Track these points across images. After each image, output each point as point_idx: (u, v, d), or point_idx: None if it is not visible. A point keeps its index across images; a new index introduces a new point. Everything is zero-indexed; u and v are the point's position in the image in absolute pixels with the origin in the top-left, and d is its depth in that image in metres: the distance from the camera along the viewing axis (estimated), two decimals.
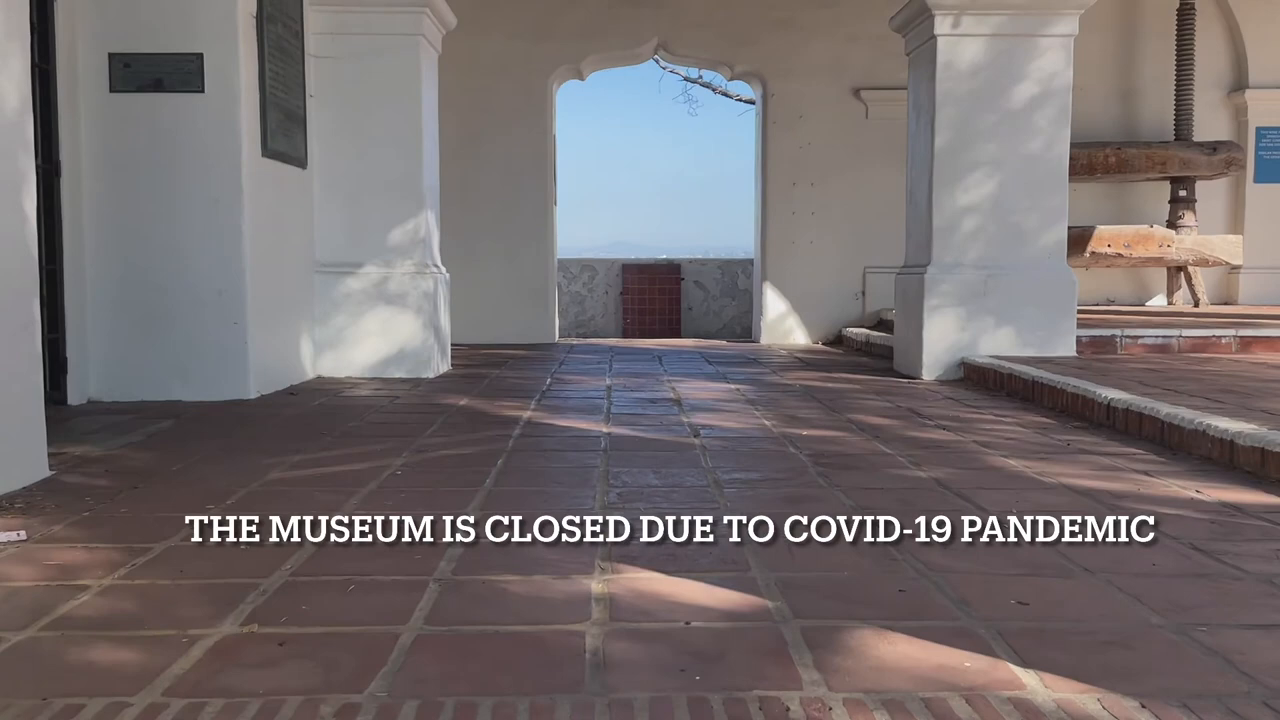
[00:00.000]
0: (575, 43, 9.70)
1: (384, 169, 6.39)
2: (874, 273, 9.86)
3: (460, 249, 9.54)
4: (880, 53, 9.59)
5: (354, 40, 6.30)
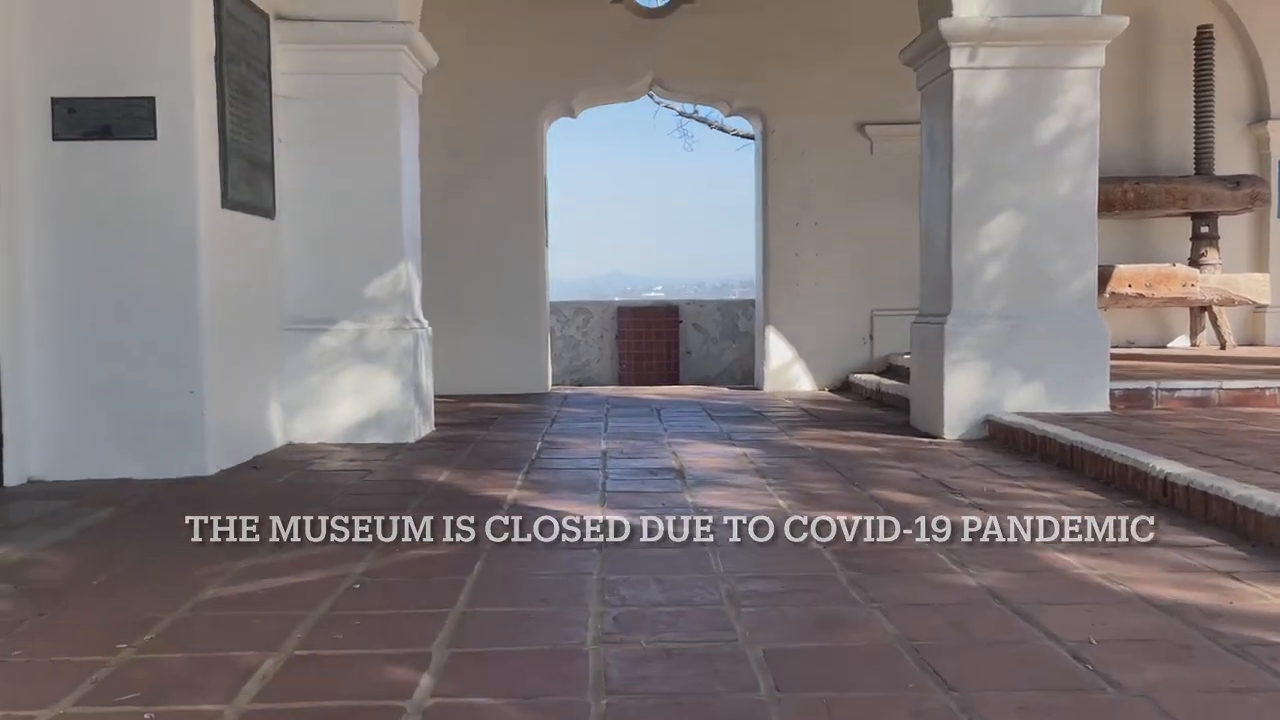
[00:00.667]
0: (566, 79, 9.28)
1: (360, 217, 5.92)
2: (882, 315, 9.40)
3: (447, 294, 9.06)
4: (886, 86, 9.16)
5: (326, 80, 5.84)
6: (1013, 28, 5.83)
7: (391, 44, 5.84)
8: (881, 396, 8.09)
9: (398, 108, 5.91)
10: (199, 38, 4.79)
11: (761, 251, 9.61)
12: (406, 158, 6.04)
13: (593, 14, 9.19)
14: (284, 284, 5.87)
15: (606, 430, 6.46)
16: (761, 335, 9.63)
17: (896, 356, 9.07)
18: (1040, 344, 5.93)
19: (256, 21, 5.41)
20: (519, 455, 5.44)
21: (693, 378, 11.19)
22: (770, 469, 4.95)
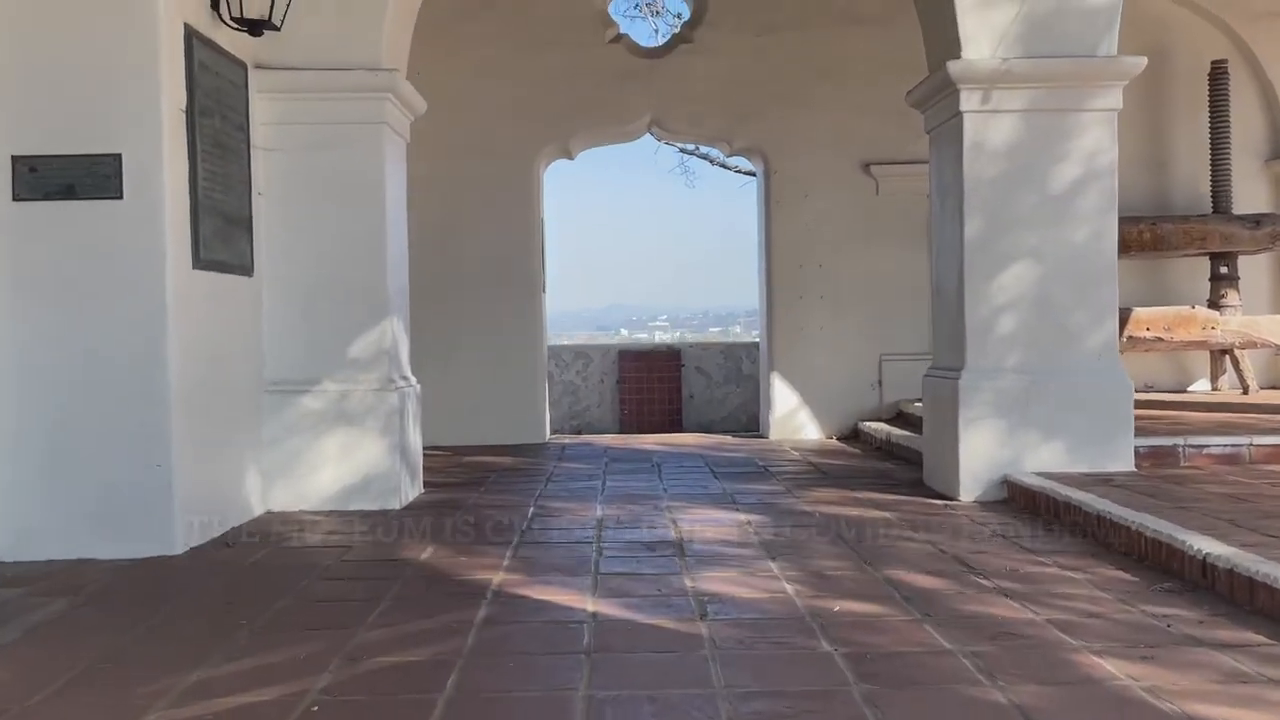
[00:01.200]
0: (563, 121, 9.05)
1: (343, 273, 5.64)
2: (891, 361, 9.10)
3: (441, 341, 8.83)
4: (890, 124, 8.92)
5: (308, 131, 5.59)
6: (1025, 69, 5.57)
7: (376, 93, 5.59)
8: (892, 448, 7.78)
9: (383, 159, 5.66)
10: (168, 91, 4.54)
11: (765, 294, 9.33)
12: (392, 210, 5.77)
13: (589, 54, 8.97)
14: (263, 344, 5.60)
15: (603, 492, 6.14)
16: (766, 381, 9.33)
17: (907, 404, 8.76)
18: (1060, 400, 5.62)
19: (233, 71, 5.17)
20: (509, 524, 5.13)
21: (696, 423, 10.88)
22: (777, 542, 4.64)
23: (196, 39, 4.76)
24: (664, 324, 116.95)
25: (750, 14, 9.00)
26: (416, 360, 8.82)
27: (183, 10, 4.66)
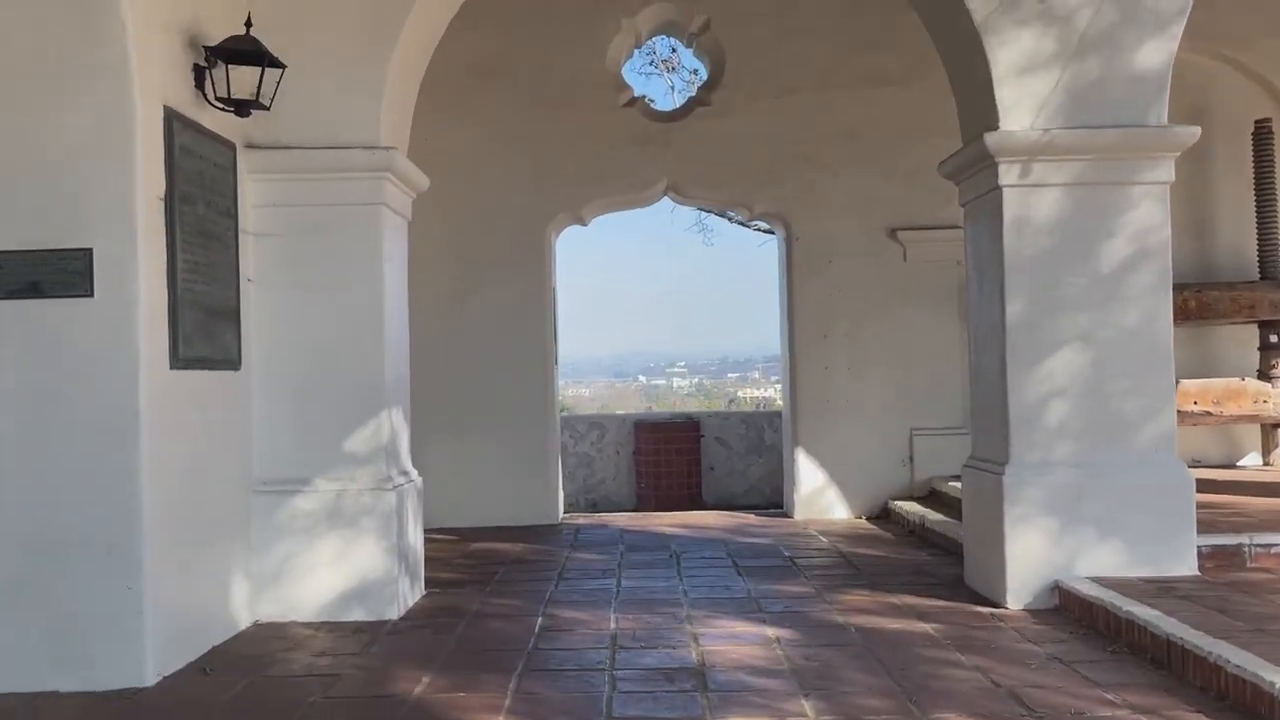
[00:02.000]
0: (576, 187, 8.73)
1: (338, 364, 5.27)
2: (923, 435, 8.65)
3: (449, 416, 8.46)
4: (917, 188, 8.56)
5: (301, 213, 5.25)
6: (1070, 141, 5.19)
7: (374, 172, 5.25)
8: (927, 533, 7.30)
9: (381, 241, 5.30)
10: (145, 180, 4.20)
11: (788, 365, 8.92)
12: (391, 294, 5.41)
13: (603, 118, 8.66)
14: (252, 441, 5.21)
15: (618, 594, 5.69)
16: (790, 457, 8.88)
17: (940, 481, 8.30)
18: (1115, 497, 5.16)
19: (219, 153, 4.84)
20: (514, 643, 4.68)
21: (717, 496, 10.42)
22: (809, 669, 4.17)
23: (178, 121, 4.43)
24: (682, 370, 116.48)
25: (769, 76, 8.68)
26: (422, 436, 8.46)
27: (162, 91, 4.34)
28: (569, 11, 8.61)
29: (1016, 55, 5.23)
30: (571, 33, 8.63)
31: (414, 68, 5.61)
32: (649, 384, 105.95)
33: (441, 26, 5.78)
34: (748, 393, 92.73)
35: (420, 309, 8.41)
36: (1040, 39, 5.23)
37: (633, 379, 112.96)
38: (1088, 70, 5.23)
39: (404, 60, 5.39)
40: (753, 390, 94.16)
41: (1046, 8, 5.23)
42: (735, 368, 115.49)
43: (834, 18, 8.66)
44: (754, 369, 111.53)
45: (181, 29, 4.53)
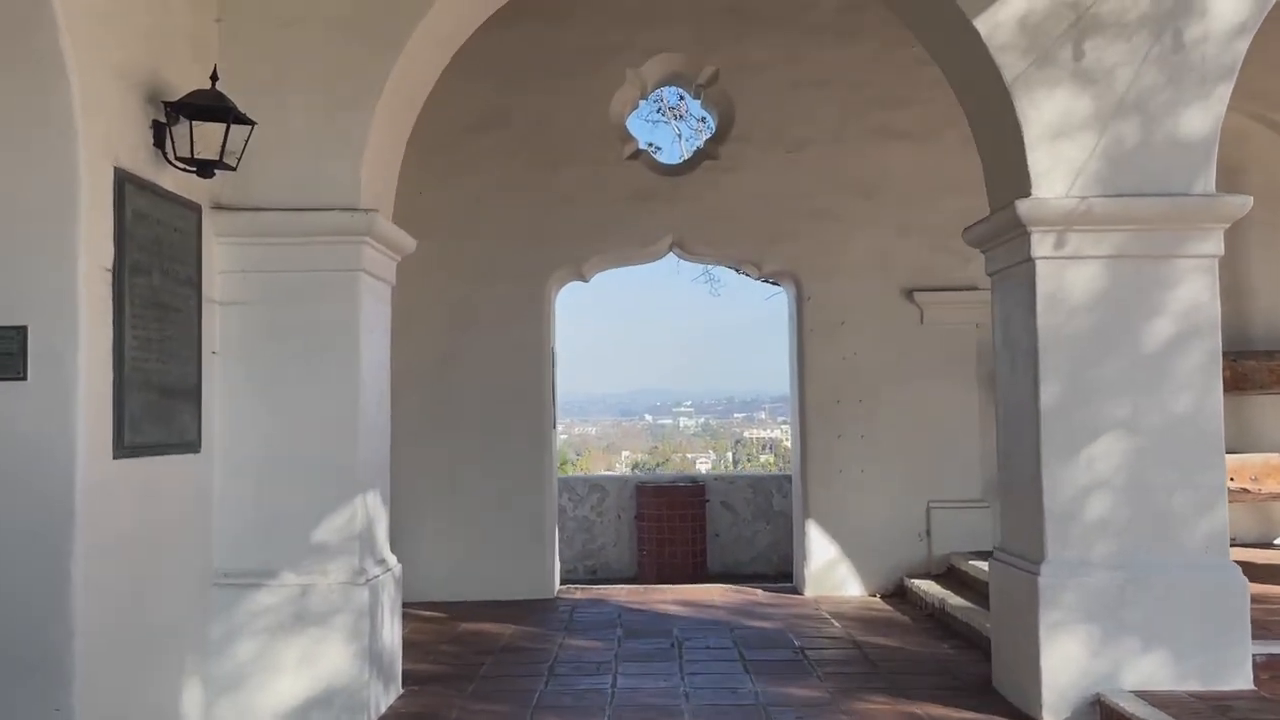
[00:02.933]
0: (577, 242, 8.32)
1: (310, 443, 4.82)
2: (940, 508, 8.16)
3: (441, 481, 8.04)
4: (935, 249, 8.16)
5: (272, 280, 4.83)
6: (1109, 210, 4.76)
7: (352, 236, 4.83)
8: (948, 619, 6.79)
9: (359, 309, 4.87)
10: (90, 249, 3.78)
11: (798, 431, 8.46)
12: (369, 367, 4.97)
13: (606, 172, 8.28)
14: (213, 529, 4.76)
15: (613, 698, 5.18)
16: (801, 529, 8.39)
17: (959, 558, 7.79)
18: (1162, 602, 4.67)
19: (181, 217, 4.43)
20: None
21: (722, 565, 9.91)
22: None
23: (131, 184, 4.02)
24: (688, 409, 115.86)
25: (781, 128, 8.30)
26: (411, 504, 8.02)
27: (113, 151, 3.93)
28: (571, 62, 8.26)
29: (1050, 117, 4.82)
30: (574, 84, 8.27)
31: (399, 125, 5.22)
32: (655, 423, 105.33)
33: (429, 81, 5.39)
34: (754, 433, 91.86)
35: (411, 368, 8.02)
36: (1076, 99, 4.82)
37: (639, 418, 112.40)
38: (1128, 134, 4.81)
39: (388, 117, 5.00)
40: (759, 431, 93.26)
41: (1083, 66, 4.82)
42: (741, 408, 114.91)
43: (847, 70, 8.30)
44: (760, 409, 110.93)
45: (139, 81, 4.13)
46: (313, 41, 4.85)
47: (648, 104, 11.00)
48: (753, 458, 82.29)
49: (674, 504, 9.84)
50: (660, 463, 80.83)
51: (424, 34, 4.96)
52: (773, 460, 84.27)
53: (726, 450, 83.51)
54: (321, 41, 4.85)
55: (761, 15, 8.30)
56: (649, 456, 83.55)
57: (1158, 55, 4.80)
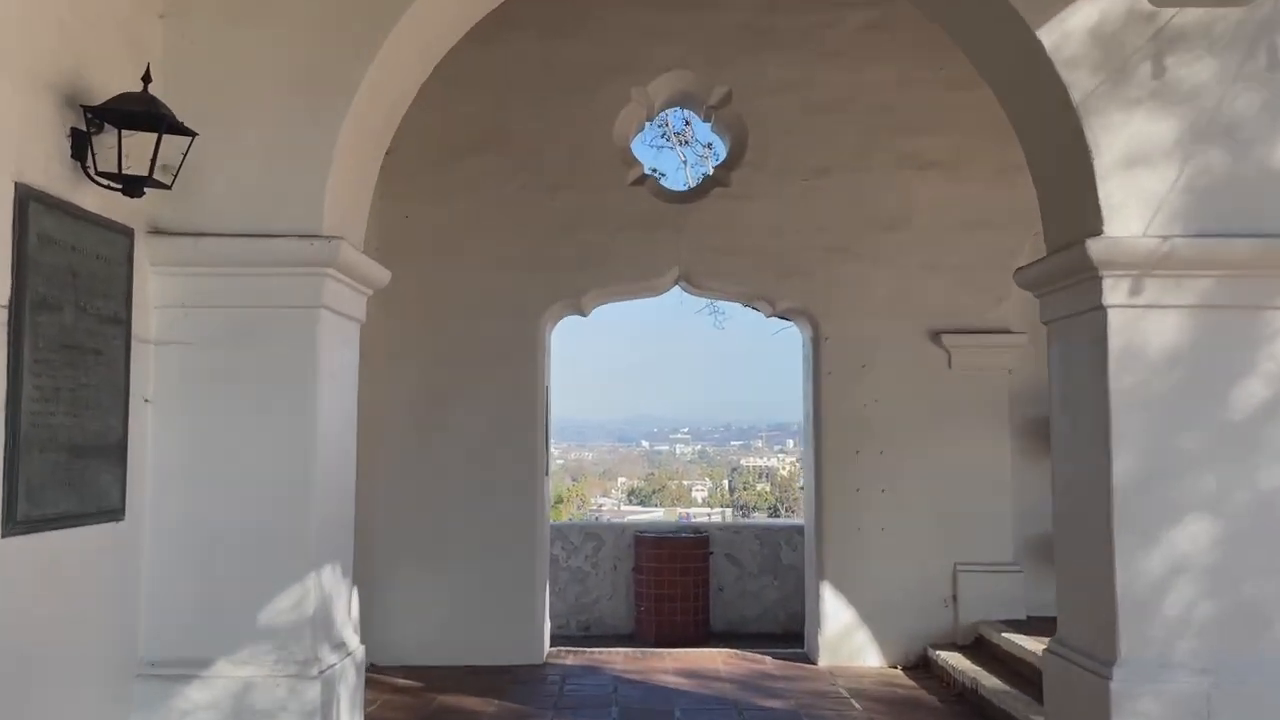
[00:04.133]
0: (575, 274, 7.65)
1: (256, 509, 4.12)
2: (968, 571, 7.44)
3: (421, 533, 7.36)
4: (965, 287, 7.52)
5: (218, 317, 4.15)
6: (1194, 253, 4.09)
7: (312, 267, 4.15)
8: (982, 704, 6.05)
9: (317, 351, 4.18)
10: None
11: (813, 483, 7.75)
12: (330, 419, 4.28)
13: (607, 199, 7.62)
14: (139, 611, 4.04)
15: None
16: (815, 591, 7.67)
17: (989, 628, 7.07)
18: (1255, 710, 3.96)
19: (106, 242, 3.75)
20: None
21: (725, 621, 9.17)
22: None
23: (38, 203, 3.34)
24: (685, 436, 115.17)
25: (797, 155, 7.65)
26: (390, 556, 7.30)
27: (14, 162, 3.26)
28: (572, 79, 7.62)
29: (1126, 143, 4.16)
30: (575, 102, 7.62)
31: (371, 141, 4.55)
32: (652, 449, 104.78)
33: (409, 93, 4.72)
34: (750, 461, 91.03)
35: (392, 410, 7.34)
36: (1156, 123, 4.16)
37: (636, 444, 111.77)
38: (1216, 163, 4.15)
39: (358, 131, 4.33)
40: (756, 459, 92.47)
41: (1163, 85, 4.16)
42: (739, 435, 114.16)
43: (871, 92, 7.66)
44: (757, 437, 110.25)
45: (52, 81, 3.47)
46: (273, 41, 4.19)
47: (651, 128, 10.40)
48: (749, 486, 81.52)
49: (675, 556, 9.10)
50: (656, 489, 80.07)
51: (402, 38, 4.31)
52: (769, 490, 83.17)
53: (723, 478, 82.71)
54: (284, 41, 4.19)
55: (778, 33, 7.68)
56: (644, 483, 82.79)
57: (1250, 73, 4.14)
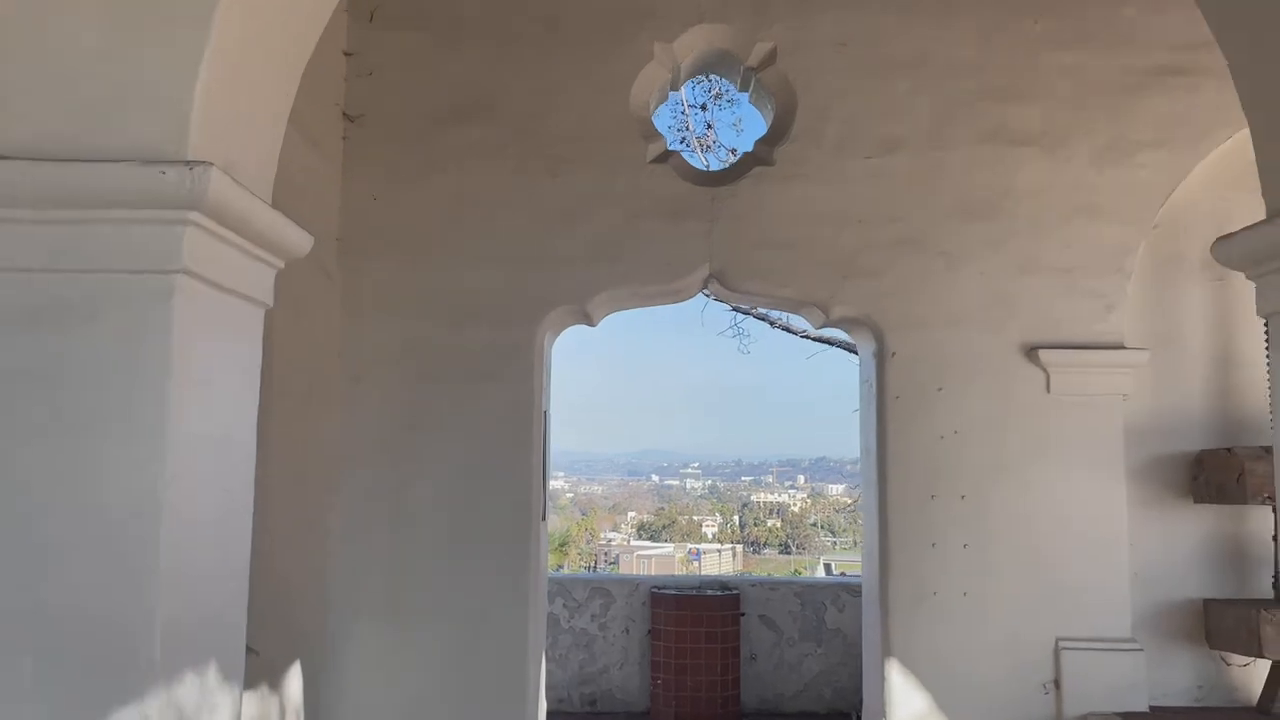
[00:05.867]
0: (582, 272, 6.17)
1: (60, 593, 2.60)
2: (1074, 649, 5.88)
3: (389, 591, 5.92)
4: (1068, 290, 6.03)
5: (8, 288, 2.66)
6: None
7: (162, 209, 2.66)
8: None
9: (169, 341, 2.67)
10: None
11: (876, 536, 6.21)
12: (192, 448, 2.77)
13: (623, 178, 6.16)
14: None
15: None
16: (876, 670, 6.11)
17: None
18: None
19: None
20: None
21: (760, 699, 7.62)
22: None
23: None
24: (696, 470, 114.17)
25: (858, 127, 6.19)
26: (347, 619, 5.82)
27: None
28: (582, 32, 6.19)
29: None
30: (584, 61, 6.18)
31: (282, 28, 3.06)
32: (662, 484, 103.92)
33: None
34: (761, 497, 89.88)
35: (354, 443, 5.88)
36: None
37: (646, 478, 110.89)
38: None
39: (256, 6, 2.85)
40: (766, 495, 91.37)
41: None
42: (750, 470, 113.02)
43: (949, 49, 6.20)
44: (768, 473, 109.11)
45: None
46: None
47: (668, 109, 8.97)
48: (760, 522, 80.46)
49: (699, 619, 7.57)
50: (666, 525, 79.03)
51: None
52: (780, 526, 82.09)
53: (733, 514, 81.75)
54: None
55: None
56: (655, 518, 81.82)
57: None
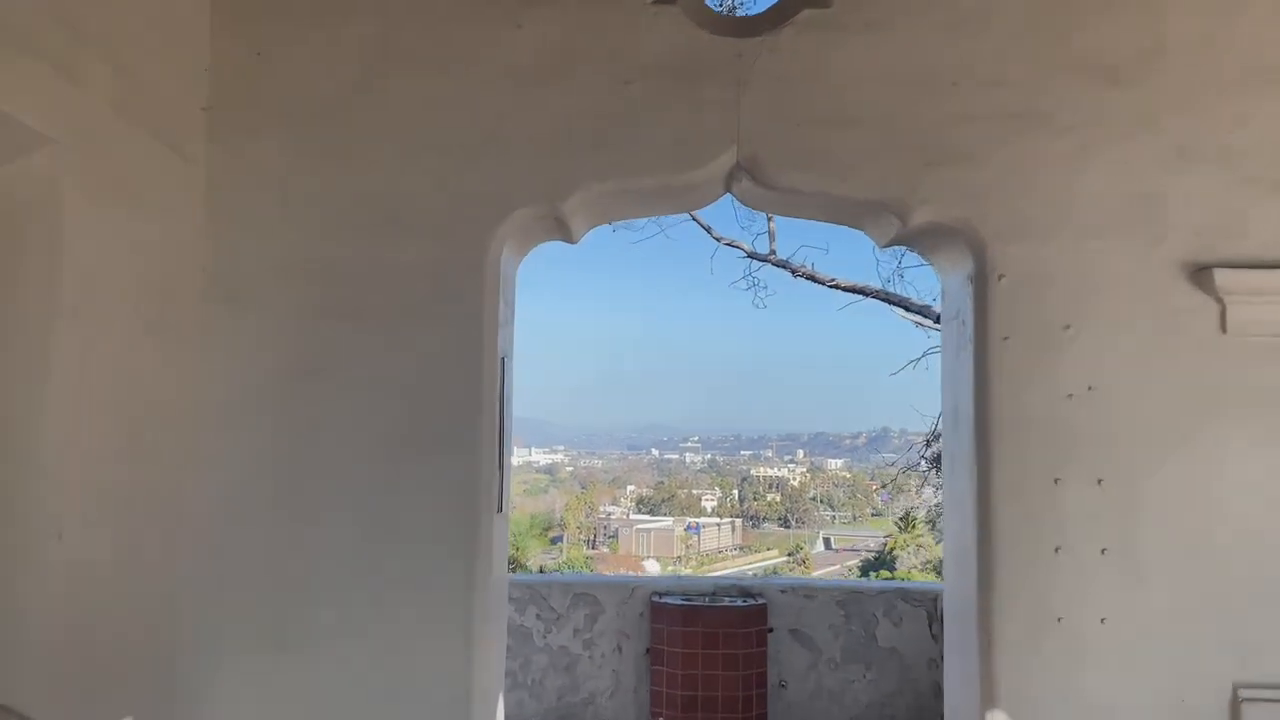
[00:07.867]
0: (555, 160, 4.30)
1: None
2: (1259, 700, 4.08)
3: (264, 620, 4.06)
4: (1249, 184, 4.18)
5: None
6: None
7: None
8: None
9: None
10: None
11: (974, 535, 4.37)
12: None
13: (614, 24, 4.29)
14: None
15: None
16: (971, 715, 4.30)
17: None
18: None
19: None
20: None
21: None
22: None
23: None
24: (695, 444, 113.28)
25: None
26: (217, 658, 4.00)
27: None
28: None
29: None
30: None
31: None
32: (661, 458, 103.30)
33: None
34: (761, 471, 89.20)
35: (240, 393, 4.08)
36: None
37: (645, 452, 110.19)
38: None
39: None
40: (766, 469, 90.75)
41: None
42: (749, 445, 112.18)
43: None
44: (767, 447, 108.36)
45: None
46: None
47: None
48: (759, 496, 79.91)
49: (713, 635, 5.77)
50: (666, 498, 78.51)
51: None
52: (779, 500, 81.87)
53: (733, 488, 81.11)
54: None
55: None
56: (654, 491, 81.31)
57: None
